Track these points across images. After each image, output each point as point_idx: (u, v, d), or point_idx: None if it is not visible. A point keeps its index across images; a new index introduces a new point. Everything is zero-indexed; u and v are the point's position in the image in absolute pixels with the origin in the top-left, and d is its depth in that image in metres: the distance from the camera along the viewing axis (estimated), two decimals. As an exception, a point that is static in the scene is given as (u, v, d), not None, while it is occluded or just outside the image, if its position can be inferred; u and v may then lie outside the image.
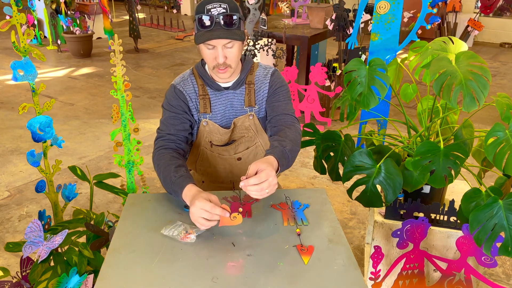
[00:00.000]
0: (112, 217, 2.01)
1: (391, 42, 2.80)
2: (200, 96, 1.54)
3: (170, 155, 1.44)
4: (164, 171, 1.39)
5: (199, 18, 1.36)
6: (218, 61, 1.41)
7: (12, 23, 1.59)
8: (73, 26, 6.15)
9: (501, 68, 6.05)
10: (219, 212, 1.21)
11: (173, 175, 1.35)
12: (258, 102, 1.58)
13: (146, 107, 4.44)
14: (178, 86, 1.54)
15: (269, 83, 1.57)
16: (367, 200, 1.47)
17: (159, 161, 1.43)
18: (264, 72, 1.59)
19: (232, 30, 1.37)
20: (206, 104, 1.54)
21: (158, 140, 1.51)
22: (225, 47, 1.39)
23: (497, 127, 1.27)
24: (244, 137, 1.59)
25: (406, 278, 1.55)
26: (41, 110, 1.72)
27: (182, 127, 1.52)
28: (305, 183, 3.04)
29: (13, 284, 1.42)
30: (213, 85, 1.53)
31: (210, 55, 1.42)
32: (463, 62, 1.36)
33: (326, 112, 3.97)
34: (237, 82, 1.54)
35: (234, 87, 1.54)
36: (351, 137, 1.62)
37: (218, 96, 1.55)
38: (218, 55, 1.40)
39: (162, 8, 9.91)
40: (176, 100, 1.53)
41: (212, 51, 1.41)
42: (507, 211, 1.25)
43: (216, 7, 1.35)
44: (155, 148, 1.50)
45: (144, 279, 1.11)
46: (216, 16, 1.35)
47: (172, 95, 1.54)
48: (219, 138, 1.57)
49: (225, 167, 1.64)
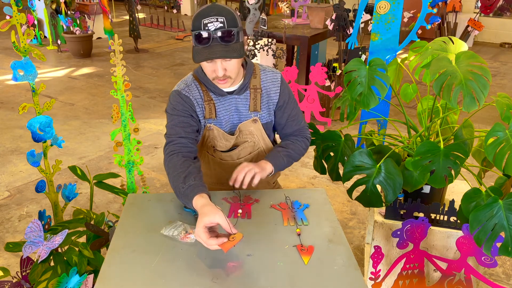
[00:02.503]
0: (112, 217, 2.01)
1: (391, 42, 2.80)
2: (205, 102, 1.51)
3: (180, 162, 1.38)
4: (173, 182, 1.35)
5: (196, 34, 1.33)
6: (217, 74, 1.39)
7: (12, 23, 1.59)
8: (73, 26, 6.15)
9: (501, 68, 6.05)
10: (215, 247, 1.15)
11: (181, 187, 1.31)
12: (264, 107, 1.57)
13: (146, 107, 4.44)
14: (183, 91, 1.50)
15: (279, 93, 1.57)
16: (367, 200, 1.47)
17: (169, 169, 1.39)
18: (271, 77, 1.57)
19: (230, 45, 1.33)
20: (212, 110, 1.51)
21: (168, 146, 1.44)
22: (224, 60, 1.37)
23: (497, 127, 1.27)
24: (247, 142, 1.59)
25: (406, 278, 1.55)
26: (41, 110, 1.72)
27: (191, 130, 1.47)
28: (305, 183, 3.04)
29: (13, 284, 1.42)
30: (216, 90, 1.50)
31: (209, 67, 1.40)
32: (463, 62, 1.36)
33: (326, 112, 3.97)
34: (241, 87, 1.52)
35: (238, 92, 1.52)
36: (351, 137, 1.62)
37: (222, 101, 1.53)
38: (217, 69, 1.38)
39: (162, 8, 9.90)
40: (182, 105, 1.48)
41: (211, 64, 1.39)
42: (507, 211, 1.25)
43: (213, 22, 1.31)
44: (166, 154, 1.44)
45: (144, 279, 1.11)
46: (213, 32, 1.31)
47: (178, 100, 1.49)
48: (223, 144, 1.57)
49: (226, 172, 1.63)
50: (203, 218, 1.17)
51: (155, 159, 3.35)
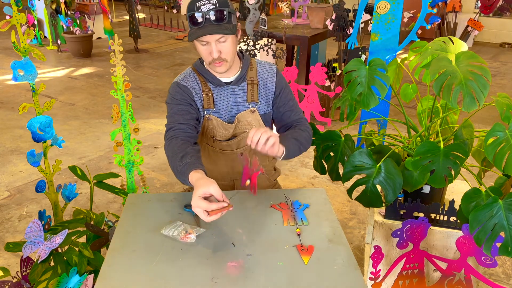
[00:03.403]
0: (112, 217, 2.01)
1: (391, 42, 2.80)
2: (203, 92, 1.56)
3: (179, 144, 1.42)
4: (172, 162, 1.39)
5: (190, 16, 1.41)
6: (213, 56, 1.44)
7: (12, 23, 1.59)
8: (73, 26, 6.15)
9: (501, 68, 6.05)
10: (211, 218, 1.18)
11: (178, 165, 1.35)
12: (261, 98, 1.60)
13: (146, 107, 4.44)
14: (182, 82, 1.56)
15: (275, 82, 1.61)
16: (367, 200, 1.47)
17: (168, 152, 1.43)
18: (267, 69, 1.63)
19: (223, 24, 1.40)
20: (210, 100, 1.56)
21: (168, 132, 1.49)
22: (218, 42, 1.43)
23: (497, 127, 1.27)
24: (246, 133, 1.60)
25: (406, 278, 1.55)
26: (41, 110, 1.72)
27: (190, 117, 1.51)
28: (305, 183, 3.04)
29: (13, 284, 1.42)
30: (214, 80, 1.55)
31: (205, 51, 1.45)
32: (463, 62, 1.36)
33: (326, 112, 3.97)
34: (238, 77, 1.57)
35: (236, 83, 1.57)
36: (351, 137, 1.62)
37: (220, 91, 1.57)
38: (213, 51, 1.43)
39: (162, 8, 9.91)
40: (181, 94, 1.54)
41: (206, 46, 1.44)
42: (507, 211, 1.25)
43: (206, 4, 1.39)
44: (166, 140, 1.48)
45: (144, 279, 1.11)
46: (206, 13, 1.38)
47: (177, 90, 1.55)
48: (222, 133, 1.59)
49: (226, 163, 1.64)
50: (198, 190, 1.20)
51: (155, 159, 3.35)
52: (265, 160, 1.70)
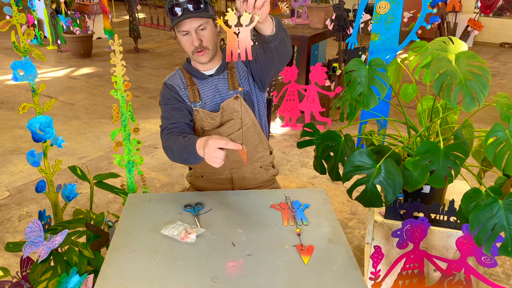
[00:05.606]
0: (112, 217, 2.01)
1: (391, 42, 2.80)
2: (188, 87, 1.64)
3: (176, 134, 1.52)
4: (176, 148, 1.46)
5: (169, 8, 1.49)
6: (194, 45, 1.51)
7: (12, 23, 1.59)
8: (73, 26, 6.15)
9: (501, 68, 6.05)
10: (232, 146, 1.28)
11: (183, 142, 1.44)
12: (244, 82, 1.66)
13: (146, 107, 4.44)
14: (168, 81, 1.67)
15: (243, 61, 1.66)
16: (367, 200, 1.46)
17: (168, 143, 1.52)
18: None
19: (200, 12, 1.48)
20: (195, 93, 1.64)
21: (163, 131, 1.58)
22: (198, 30, 1.50)
23: (497, 127, 1.27)
24: (233, 120, 1.64)
25: (406, 278, 1.55)
26: (41, 110, 1.72)
27: (182, 115, 1.60)
28: (305, 183, 3.04)
29: (13, 284, 1.42)
30: (199, 75, 1.65)
31: (187, 41, 1.53)
32: (463, 62, 1.36)
33: (326, 112, 3.97)
34: (219, 68, 1.65)
35: (217, 73, 1.65)
36: (351, 137, 1.62)
37: (204, 84, 1.65)
38: (194, 39, 1.51)
39: (162, 8, 9.90)
40: (168, 93, 1.64)
41: (187, 36, 1.53)
42: (507, 211, 1.25)
43: None
44: (162, 138, 1.57)
45: (144, 279, 1.11)
46: (183, 4, 1.47)
47: (165, 90, 1.66)
48: (210, 123, 1.65)
49: None
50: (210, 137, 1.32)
51: (155, 159, 3.35)
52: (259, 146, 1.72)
